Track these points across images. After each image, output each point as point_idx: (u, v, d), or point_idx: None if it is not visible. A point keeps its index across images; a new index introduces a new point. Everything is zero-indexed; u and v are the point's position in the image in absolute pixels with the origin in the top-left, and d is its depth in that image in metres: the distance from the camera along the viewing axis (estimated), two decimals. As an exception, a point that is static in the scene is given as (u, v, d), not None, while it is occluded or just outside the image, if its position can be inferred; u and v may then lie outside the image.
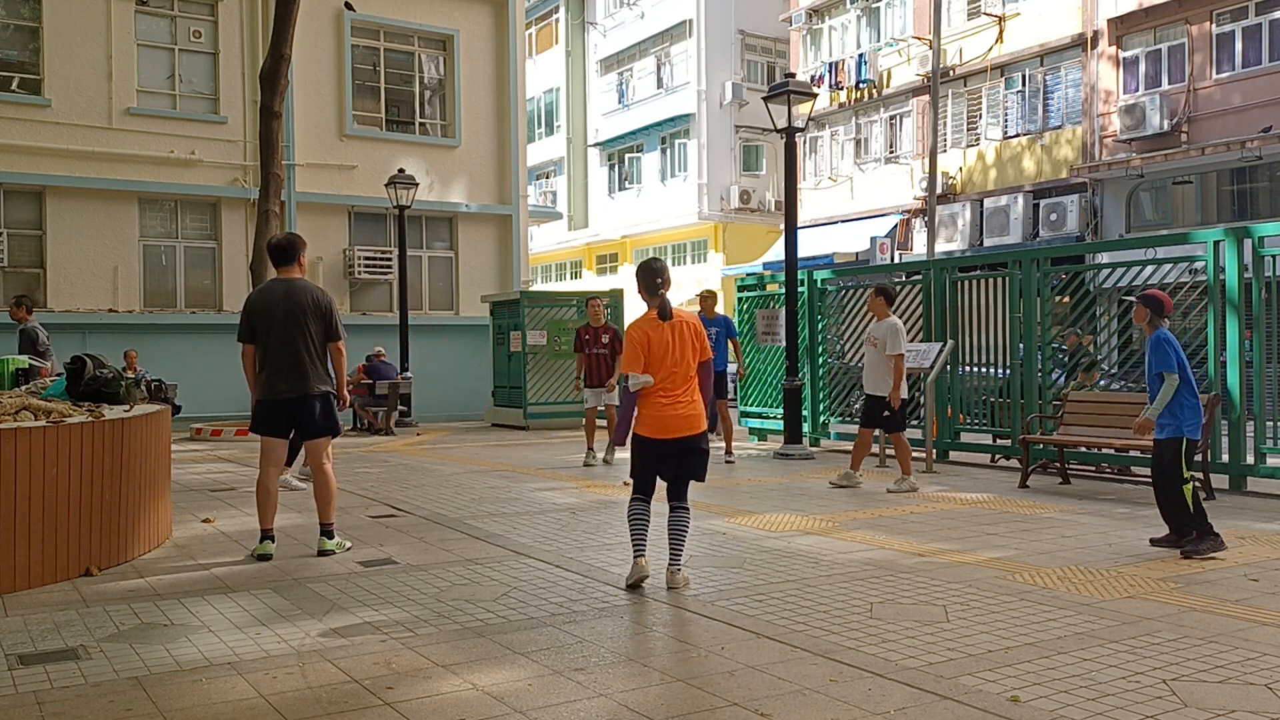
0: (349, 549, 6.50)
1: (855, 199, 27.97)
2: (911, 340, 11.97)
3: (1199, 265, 9.51)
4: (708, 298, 12.10)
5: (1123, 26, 21.64)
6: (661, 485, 5.56)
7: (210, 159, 17.70)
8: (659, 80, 34.03)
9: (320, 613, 4.97)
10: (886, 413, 9.30)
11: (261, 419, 6.34)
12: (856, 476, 9.36)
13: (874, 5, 27.54)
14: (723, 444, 11.35)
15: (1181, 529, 6.18)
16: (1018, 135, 23.92)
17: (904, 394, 9.30)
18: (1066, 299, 10.99)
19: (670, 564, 5.45)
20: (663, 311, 5.43)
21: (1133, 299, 6.93)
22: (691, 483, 5.57)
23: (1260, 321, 8.73)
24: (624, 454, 12.08)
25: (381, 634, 4.59)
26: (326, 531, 6.43)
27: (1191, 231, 12.15)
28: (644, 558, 5.42)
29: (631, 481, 5.63)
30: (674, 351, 5.40)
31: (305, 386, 6.23)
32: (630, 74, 35.51)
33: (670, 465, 5.48)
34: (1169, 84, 20.96)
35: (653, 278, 5.47)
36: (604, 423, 12.38)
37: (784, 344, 12.65)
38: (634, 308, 26.86)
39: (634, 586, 5.40)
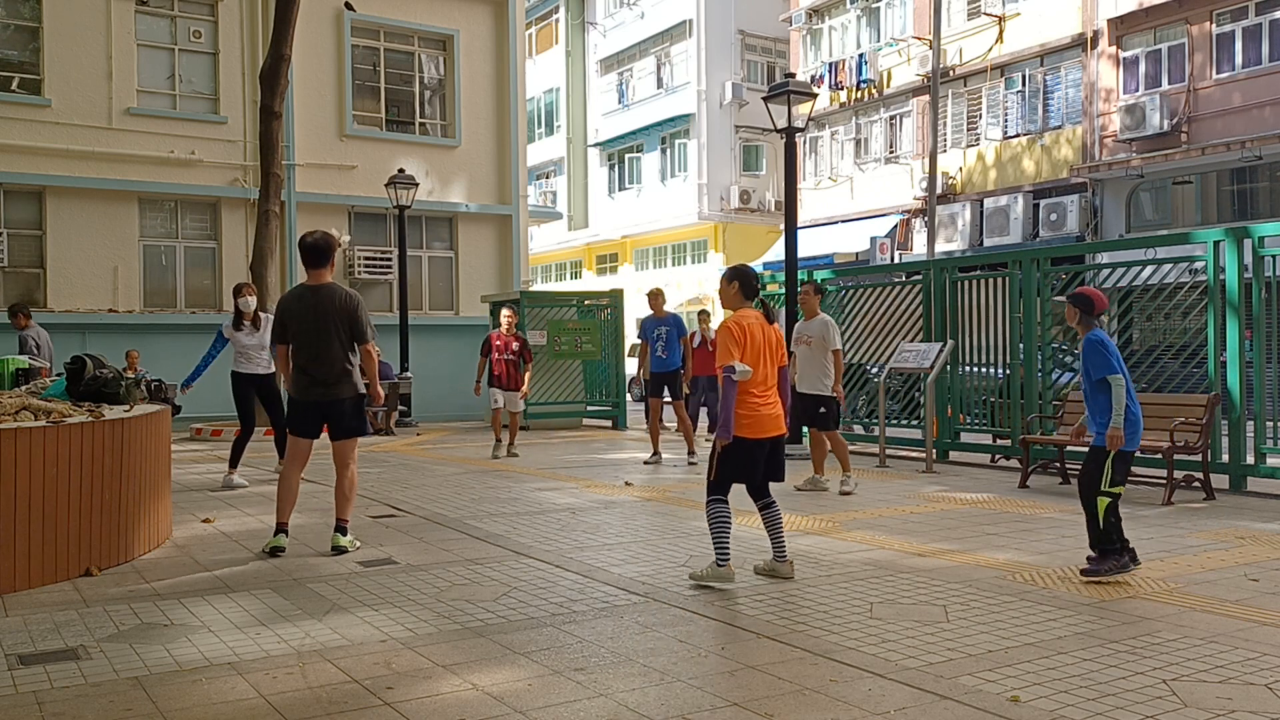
0: (359, 548, 6.54)
1: (855, 199, 27.98)
2: (911, 340, 11.99)
3: (1199, 265, 9.51)
4: (655, 296, 11.84)
5: (1123, 26, 21.65)
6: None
7: (210, 159, 17.69)
8: (659, 80, 34.03)
9: (320, 613, 4.97)
10: (822, 409, 9.16)
11: (294, 418, 6.56)
12: (823, 480, 9.19)
13: (874, 5, 27.54)
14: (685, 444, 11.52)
15: (1095, 543, 5.63)
16: (1018, 135, 23.92)
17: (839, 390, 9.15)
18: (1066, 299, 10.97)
19: (777, 557, 5.72)
20: (768, 314, 5.69)
21: (1064, 298, 6.65)
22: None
23: (1260, 321, 8.73)
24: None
25: (381, 634, 4.59)
26: (341, 528, 6.53)
27: (1191, 231, 12.15)
28: (730, 563, 5.53)
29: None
30: (767, 352, 5.62)
31: (336, 390, 6.45)
32: (630, 74, 35.51)
33: (760, 466, 5.66)
34: (1169, 84, 20.96)
35: (753, 281, 5.79)
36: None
37: (784, 344, 12.60)
38: (634, 309, 26.37)
39: (705, 588, 5.42)
